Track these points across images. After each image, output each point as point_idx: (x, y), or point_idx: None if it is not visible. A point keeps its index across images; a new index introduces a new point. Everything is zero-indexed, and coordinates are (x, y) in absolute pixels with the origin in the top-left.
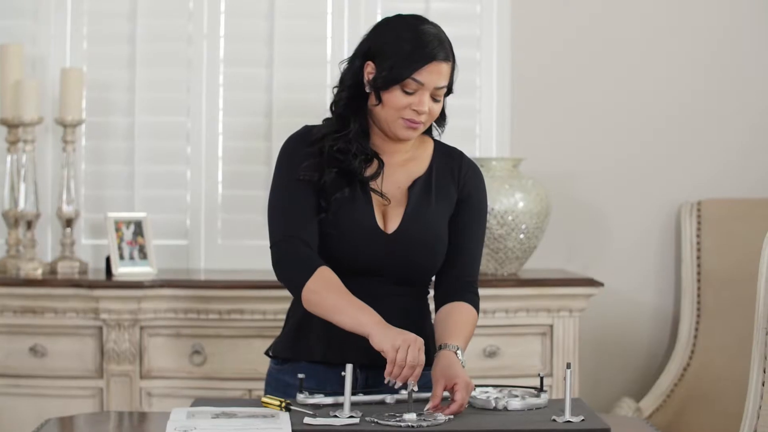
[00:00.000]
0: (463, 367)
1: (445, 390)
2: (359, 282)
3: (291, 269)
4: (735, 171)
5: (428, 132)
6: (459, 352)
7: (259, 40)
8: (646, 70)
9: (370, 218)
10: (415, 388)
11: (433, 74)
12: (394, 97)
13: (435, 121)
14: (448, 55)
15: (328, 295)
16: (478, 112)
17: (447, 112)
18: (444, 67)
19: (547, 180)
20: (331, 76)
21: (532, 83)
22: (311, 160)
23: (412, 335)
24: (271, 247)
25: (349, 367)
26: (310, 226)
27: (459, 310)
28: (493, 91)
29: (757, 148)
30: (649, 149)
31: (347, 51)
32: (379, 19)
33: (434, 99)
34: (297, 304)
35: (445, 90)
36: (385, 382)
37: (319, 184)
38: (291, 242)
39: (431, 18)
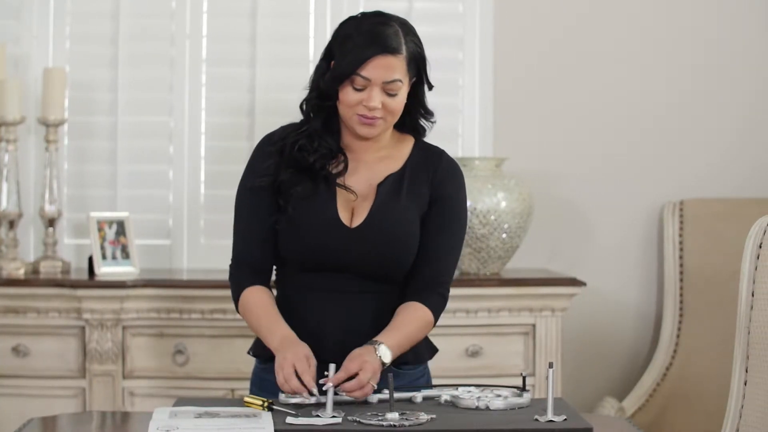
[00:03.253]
0: (383, 364)
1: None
2: (327, 278)
3: (232, 295)
4: (718, 171)
5: (415, 129)
6: (381, 346)
7: (241, 39)
8: (630, 70)
9: (331, 212)
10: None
11: (378, 69)
12: (346, 94)
13: (420, 117)
14: (398, 48)
15: (248, 321)
16: (460, 111)
17: (435, 110)
18: (392, 61)
19: (530, 179)
20: None
21: (514, 83)
22: (268, 162)
23: (280, 357)
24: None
25: (332, 366)
26: (256, 247)
27: (408, 309)
28: (476, 90)
29: (740, 149)
30: (632, 149)
31: None
32: None
33: (388, 94)
34: (277, 303)
35: (398, 84)
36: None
37: (274, 185)
38: (235, 267)
39: (414, 18)
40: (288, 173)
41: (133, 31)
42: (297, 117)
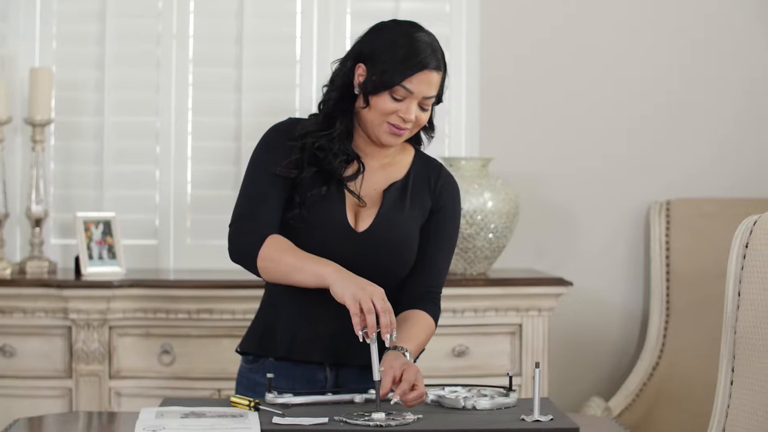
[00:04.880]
0: None
1: (394, 382)
2: None
3: (241, 244)
4: (704, 171)
5: (416, 140)
6: (407, 353)
7: (228, 39)
8: (617, 70)
9: (341, 216)
10: (395, 336)
11: (422, 83)
12: (382, 102)
13: (422, 130)
14: (440, 65)
15: (282, 258)
16: (447, 112)
17: (434, 120)
18: (434, 77)
19: (516, 180)
20: (300, 75)
21: (501, 83)
22: (292, 158)
23: (372, 285)
24: (228, 226)
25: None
26: (269, 216)
27: (416, 317)
28: (462, 91)
29: (726, 149)
30: (619, 149)
31: (316, 51)
32: (348, 19)
33: (422, 108)
34: (267, 300)
35: (433, 100)
36: (358, 334)
37: (295, 180)
38: (245, 222)
39: (401, 18)
40: (311, 172)
41: (119, 32)
42: (283, 117)
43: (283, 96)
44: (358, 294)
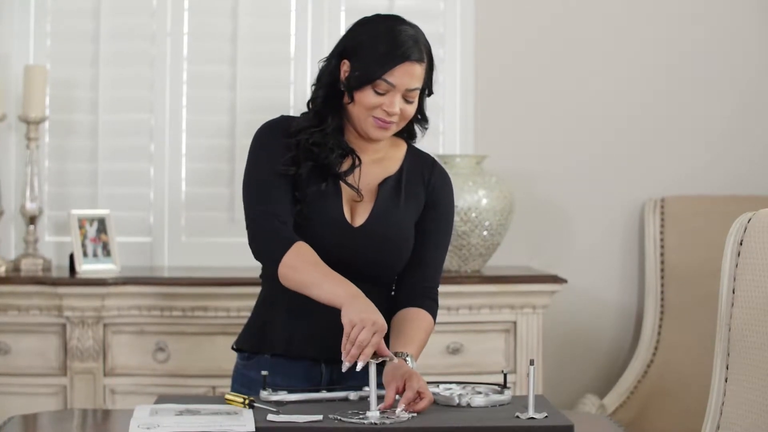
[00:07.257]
0: None
1: (397, 393)
2: None
3: (267, 244)
4: (699, 169)
5: (409, 133)
6: (409, 358)
7: (222, 37)
8: (609, 68)
9: (338, 211)
10: (358, 368)
11: (404, 76)
12: (366, 96)
13: (416, 122)
14: (422, 56)
15: (306, 270)
16: (441, 109)
17: (427, 112)
18: (417, 69)
19: (511, 177)
20: (295, 73)
21: (495, 80)
22: (289, 155)
23: (372, 317)
24: (247, 224)
25: (372, 365)
26: (286, 207)
27: (416, 316)
28: (457, 88)
29: (721, 147)
30: (613, 147)
31: (311, 49)
32: (342, 16)
33: (407, 100)
34: (263, 297)
35: (417, 92)
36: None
37: (294, 177)
38: (267, 218)
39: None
40: (308, 167)
41: (114, 29)
42: (277, 114)
43: (278, 94)
44: (355, 320)
